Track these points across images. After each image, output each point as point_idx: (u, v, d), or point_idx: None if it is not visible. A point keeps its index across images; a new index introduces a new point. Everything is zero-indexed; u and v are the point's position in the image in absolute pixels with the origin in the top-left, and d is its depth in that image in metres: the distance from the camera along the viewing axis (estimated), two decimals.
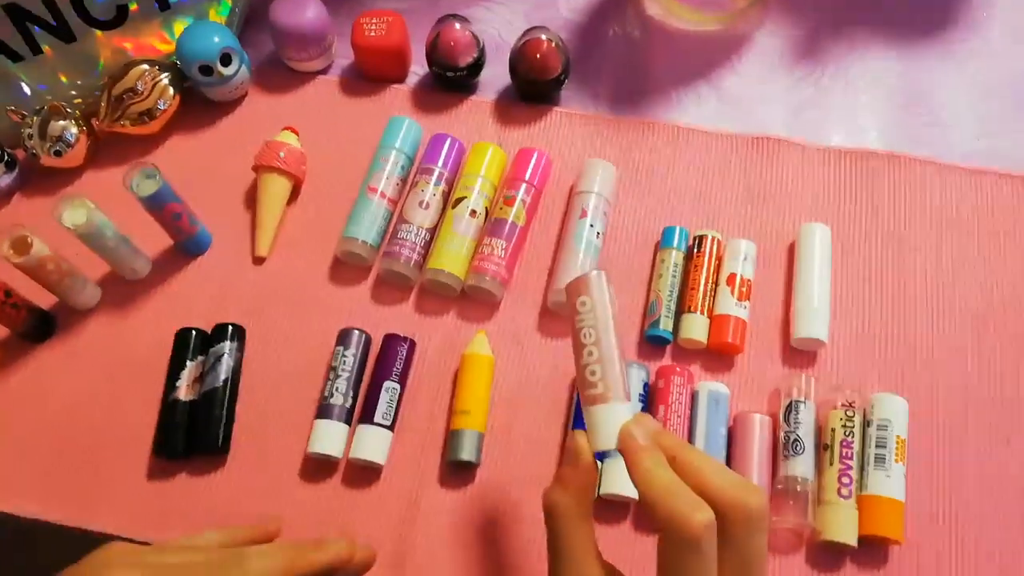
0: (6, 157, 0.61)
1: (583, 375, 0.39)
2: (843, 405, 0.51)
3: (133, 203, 0.54)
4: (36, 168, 0.62)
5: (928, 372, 0.54)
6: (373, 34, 0.63)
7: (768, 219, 0.60)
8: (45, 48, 0.62)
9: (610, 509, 0.51)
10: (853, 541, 0.48)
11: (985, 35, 0.67)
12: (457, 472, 0.52)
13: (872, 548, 0.50)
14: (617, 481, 0.49)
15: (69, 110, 0.61)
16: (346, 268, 0.59)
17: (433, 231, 0.58)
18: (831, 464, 0.50)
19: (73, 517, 0.52)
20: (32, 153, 0.61)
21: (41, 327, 0.57)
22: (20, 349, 0.57)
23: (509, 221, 0.58)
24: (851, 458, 0.50)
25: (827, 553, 0.50)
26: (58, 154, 0.61)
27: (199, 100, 0.65)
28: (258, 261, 0.60)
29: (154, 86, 0.62)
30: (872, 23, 0.67)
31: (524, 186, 0.59)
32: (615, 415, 0.38)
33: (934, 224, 0.59)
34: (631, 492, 0.48)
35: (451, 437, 0.52)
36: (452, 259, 0.56)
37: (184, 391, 0.54)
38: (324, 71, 0.67)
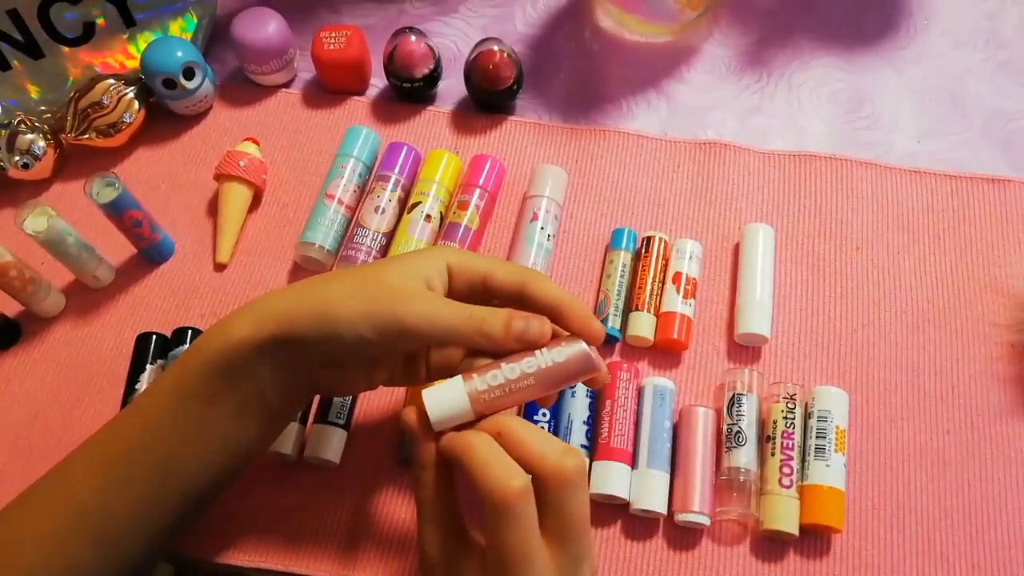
0: None
1: None
2: (785, 398, 0.53)
3: (97, 213, 0.56)
4: (3, 180, 0.63)
5: (869, 367, 0.56)
6: (333, 47, 0.65)
7: (714, 221, 0.61)
8: (14, 63, 0.64)
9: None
10: (794, 530, 0.49)
11: (924, 42, 0.69)
12: (409, 470, 0.53)
13: (814, 537, 0.51)
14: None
15: (37, 124, 0.63)
16: (304, 273, 0.61)
17: (389, 236, 0.60)
18: (773, 455, 0.51)
19: None
20: (0, 166, 0.62)
21: (6, 334, 0.58)
22: None
23: (463, 225, 0.59)
24: (792, 449, 0.51)
25: (770, 543, 0.51)
26: (26, 167, 0.62)
27: (164, 113, 0.67)
28: (219, 267, 0.61)
29: (120, 100, 0.64)
30: (815, 32, 0.70)
31: (478, 191, 0.61)
32: (452, 390, 0.40)
33: (875, 224, 0.61)
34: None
35: (404, 435, 0.53)
36: None
37: None
38: (287, 84, 0.69)
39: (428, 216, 0.60)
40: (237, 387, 0.41)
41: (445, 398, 0.39)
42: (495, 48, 0.63)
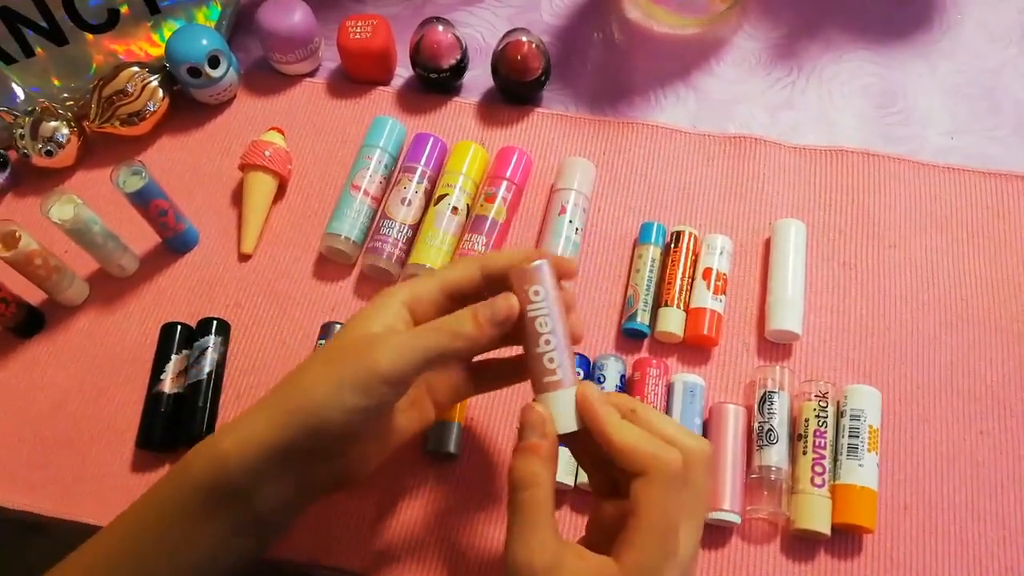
0: None
1: (541, 363, 0.40)
2: (816, 396, 0.52)
3: (122, 201, 0.56)
4: (28, 168, 0.63)
5: (902, 365, 0.55)
6: (358, 36, 0.65)
7: (745, 216, 0.61)
8: (38, 50, 0.63)
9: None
10: (826, 530, 0.49)
11: (957, 36, 0.68)
12: (436, 463, 0.53)
13: (845, 537, 0.50)
14: None
15: (61, 111, 0.63)
16: (330, 264, 0.60)
17: (416, 228, 0.59)
18: (804, 454, 0.51)
19: (58, 509, 0.52)
20: (24, 153, 0.62)
21: (30, 322, 0.58)
22: (9, 344, 0.58)
23: (490, 218, 0.59)
24: (824, 448, 0.51)
25: (801, 542, 0.50)
26: (49, 154, 0.62)
27: (188, 102, 0.66)
28: (243, 258, 0.61)
29: (144, 88, 0.63)
30: (846, 25, 0.69)
31: (505, 183, 0.60)
32: (572, 399, 0.39)
33: (908, 220, 0.60)
34: None
35: (432, 429, 0.53)
36: (433, 254, 0.57)
37: (168, 384, 0.54)
38: (311, 74, 0.69)
39: (455, 208, 0.59)
40: (231, 510, 0.39)
41: (563, 399, 0.39)
42: (523, 38, 0.62)
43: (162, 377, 0.55)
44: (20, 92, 0.64)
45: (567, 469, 0.50)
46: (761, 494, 0.50)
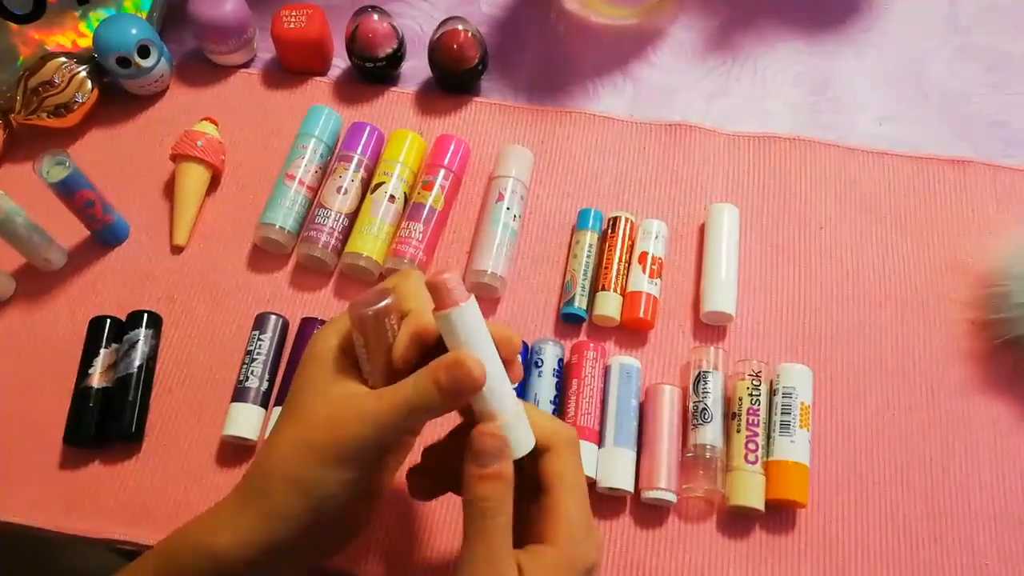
0: None
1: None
2: (750, 375, 0.53)
3: (48, 194, 0.54)
4: None
5: (833, 344, 0.56)
6: (293, 26, 0.64)
7: (681, 202, 0.61)
8: None
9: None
10: (760, 505, 0.50)
11: (885, 26, 0.70)
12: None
13: (780, 513, 0.51)
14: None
15: None
16: (265, 255, 0.59)
17: (352, 217, 0.59)
18: (738, 431, 0.51)
19: None
20: None
21: None
22: None
23: (428, 205, 0.58)
24: (757, 425, 0.51)
25: (737, 519, 0.51)
26: None
27: (119, 94, 0.65)
28: (176, 250, 0.60)
29: (71, 79, 0.62)
30: (779, 16, 0.70)
31: (443, 171, 0.60)
32: (525, 420, 0.38)
33: (837, 203, 0.61)
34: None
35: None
36: (370, 243, 0.57)
37: (97, 378, 0.53)
38: (246, 65, 0.68)
39: (392, 197, 0.59)
40: None
41: (521, 425, 0.38)
42: (460, 27, 0.62)
43: (90, 372, 0.53)
44: None
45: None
46: (697, 473, 0.50)
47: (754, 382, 0.52)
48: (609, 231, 0.58)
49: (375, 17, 0.63)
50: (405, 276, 0.40)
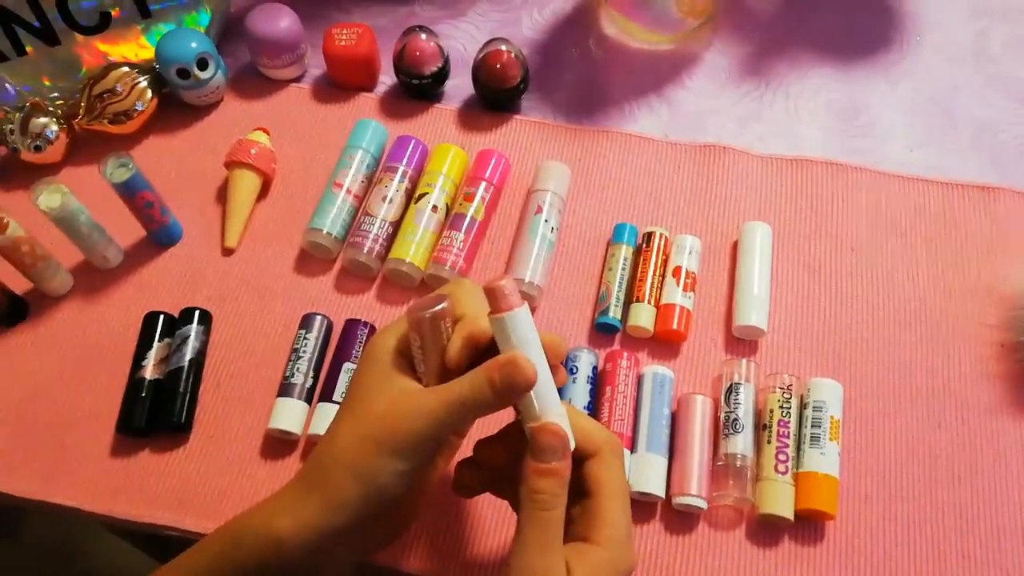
0: None
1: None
2: (780, 388, 0.54)
3: (109, 196, 0.57)
4: (16, 163, 0.64)
5: (863, 362, 0.57)
6: (343, 43, 0.67)
7: (714, 219, 0.63)
8: (29, 49, 0.65)
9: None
10: (789, 515, 0.50)
11: (916, 56, 0.71)
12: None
13: (808, 524, 0.52)
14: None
15: (51, 108, 0.64)
16: (311, 259, 0.62)
17: (396, 225, 0.61)
18: (769, 443, 0.52)
19: (34, 490, 0.53)
20: (13, 148, 0.63)
21: (14, 311, 0.59)
22: None
23: (468, 216, 0.61)
24: (787, 437, 0.52)
25: (766, 528, 0.52)
26: (38, 149, 0.63)
27: (177, 103, 0.68)
28: (227, 252, 0.62)
29: (133, 88, 0.65)
30: (813, 44, 0.72)
31: (484, 184, 0.62)
32: (567, 421, 0.40)
33: (868, 226, 0.62)
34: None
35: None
36: (413, 250, 0.59)
37: (150, 370, 0.55)
38: (298, 79, 0.71)
39: (435, 207, 0.61)
40: None
41: (565, 425, 0.39)
42: (503, 48, 0.65)
43: (143, 363, 0.55)
44: (12, 90, 0.65)
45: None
46: (727, 481, 0.52)
47: (784, 395, 0.54)
48: (644, 245, 0.60)
49: (422, 37, 0.66)
50: (459, 284, 0.42)
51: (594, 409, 0.54)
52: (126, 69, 0.65)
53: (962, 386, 0.56)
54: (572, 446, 0.40)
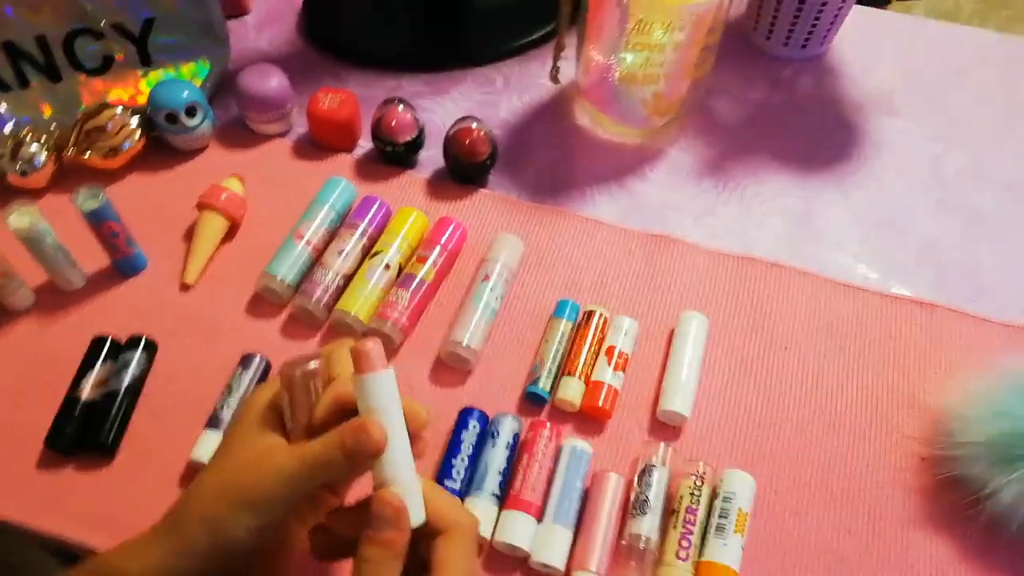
0: None
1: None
2: (694, 475, 0.55)
3: (81, 224, 0.60)
4: (3, 185, 0.68)
5: (782, 459, 0.58)
6: (326, 107, 0.71)
7: (656, 305, 0.65)
8: (33, 83, 0.69)
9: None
10: None
11: (872, 173, 0.74)
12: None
13: None
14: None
15: (43, 139, 0.68)
16: (264, 304, 0.64)
17: (348, 278, 0.64)
18: (675, 528, 0.53)
19: None
20: (0, 171, 0.67)
21: None
22: None
23: (418, 277, 0.63)
24: (693, 524, 0.53)
25: None
26: (24, 174, 0.67)
27: (164, 146, 0.72)
28: (184, 288, 0.65)
29: (122, 128, 0.69)
30: (773, 153, 0.75)
31: (438, 249, 0.65)
32: (420, 493, 0.40)
33: (805, 327, 0.64)
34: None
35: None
36: (360, 303, 0.61)
37: (87, 391, 0.57)
38: (282, 135, 0.75)
39: (387, 265, 0.64)
40: None
41: (415, 498, 0.40)
42: (473, 125, 0.69)
43: (82, 384, 0.57)
44: (8, 117, 0.69)
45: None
46: (628, 562, 0.52)
47: (697, 483, 0.54)
48: (583, 322, 0.62)
49: (399, 108, 0.70)
50: (341, 344, 0.43)
51: (509, 475, 0.55)
52: (119, 110, 0.69)
53: (878, 495, 0.57)
54: (420, 520, 0.39)
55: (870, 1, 0.92)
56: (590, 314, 0.62)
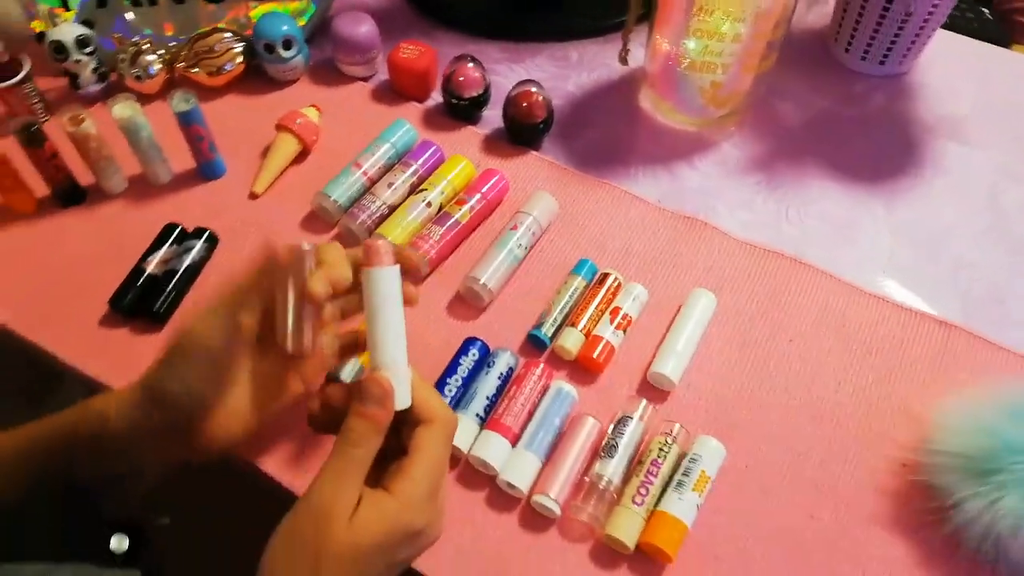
0: (101, 70, 0.78)
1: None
2: (667, 434, 0.58)
3: (175, 130, 0.69)
4: (120, 87, 0.78)
5: (760, 438, 0.60)
6: (406, 56, 0.78)
7: (672, 281, 0.68)
8: (160, 2, 0.79)
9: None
10: (630, 543, 0.53)
11: (925, 193, 0.74)
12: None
13: (648, 561, 0.54)
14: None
15: (160, 52, 0.78)
16: (317, 221, 0.71)
17: (393, 209, 0.70)
18: (637, 476, 0.56)
19: (27, 329, 0.63)
20: (120, 74, 0.77)
21: (73, 195, 0.71)
22: (49, 210, 0.71)
23: (454, 217, 0.68)
24: (656, 476, 0.56)
25: (608, 553, 0.55)
26: (138, 79, 0.77)
27: (261, 74, 0.81)
28: (252, 196, 0.72)
29: (227, 51, 0.78)
30: (826, 159, 0.77)
31: (478, 196, 0.70)
32: (408, 379, 0.45)
33: (814, 324, 0.65)
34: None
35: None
36: (397, 232, 0.67)
37: (152, 266, 0.66)
38: (365, 79, 0.82)
39: (429, 203, 0.69)
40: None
41: (404, 384, 0.44)
42: (533, 89, 0.73)
43: (149, 259, 0.66)
44: (134, 28, 0.79)
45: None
46: (588, 498, 0.55)
47: (669, 440, 0.57)
48: (597, 283, 0.66)
49: (469, 65, 0.76)
50: (331, 244, 0.49)
51: (495, 401, 0.60)
52: (227, 35, 0.78)
53: (849, 489, 0.58)
54: (405, 404, 0.44)
55: (993, 39, 0.90)
56: (605, 276, 0.66)
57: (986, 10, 1.16)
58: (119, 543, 0.54)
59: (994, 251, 0.71)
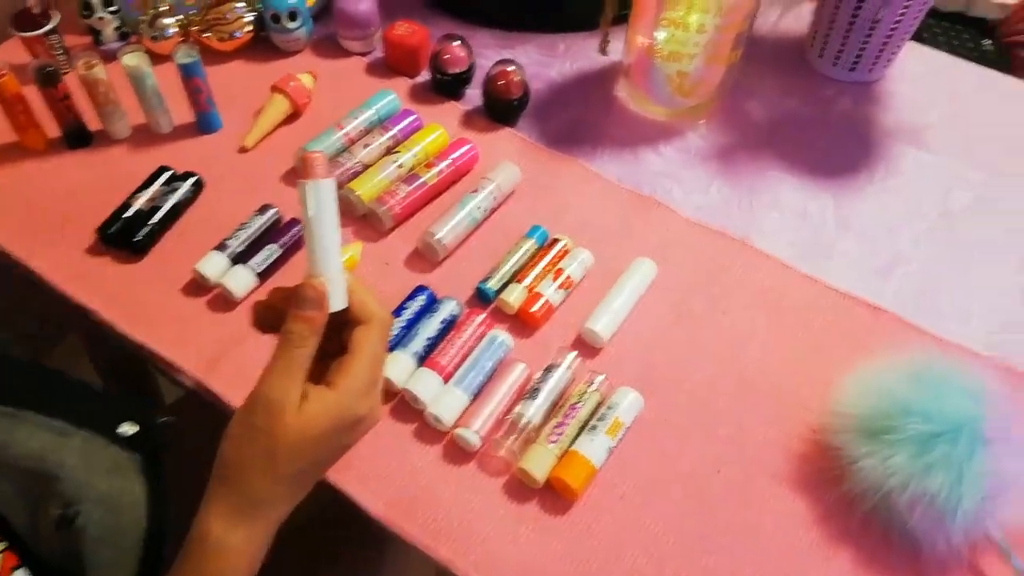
0: (123, 29, 0.85)
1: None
2: (588, 383, 0.61)
3: (179, 86, 0.75)
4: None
5: (680, 394, 0.63)
6: (400, 34, 0.83)
7: (619, 251, 0.71)
8: None
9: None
10: (540, 477, 0.57)
11: (878, 191, 0.77)
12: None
13: (557, 497, 0.58)
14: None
15: (179, 16, 0.85)
16: (297, 174, 0.76)
17: (366, 167, 0.75)
18: (555, 417, 0.60)
19: (19, 249, 0.70)
20: (139, 34, 0.84)
21: (80, 137, 0.78)
22: (57, 151, 0.78)
23: (422, 179, 0.73)
24: (572, 418, 0.59)
25: (521, 488, 0.58)
26: (155, 39, 0.84)
27: (268, 43, 0.87)
28: (243, 150, 0.79)
29: (238, 19, 0.84)
30: (785, 155, 0.80)
31: (448, 161, 0.75)
32: (344, 283, 0.48)
33: (751, 302, 0.69)
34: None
35: None
36: (367, 188, 0.72)
37: (140, 202, 0.72)
38: (363, 55, 0.88)
39: (400, 164, 0.74)
40: None
41: (338, 288, 0.47)
42: (510, 68, 0.79)
43: (138, 195, 0.72)
44: None
45: None
46: (506, 434, 0.59)
47: (590, 387, 0.61)
48: (547, 246, 0.70)
49: (456, 44, 0.81)
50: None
51: (434, 344, 0.64)
52: (240, 5, 0.85)
53: (759, 449, 0.61)
54: (340, 305, 0.48)
55: (997, 65, 0.92)
56: (555, 240, 0.70)
57: (988, 41, 1.18)
58: (127, 428, 0.59)
59: (933, 249, 0.73)
